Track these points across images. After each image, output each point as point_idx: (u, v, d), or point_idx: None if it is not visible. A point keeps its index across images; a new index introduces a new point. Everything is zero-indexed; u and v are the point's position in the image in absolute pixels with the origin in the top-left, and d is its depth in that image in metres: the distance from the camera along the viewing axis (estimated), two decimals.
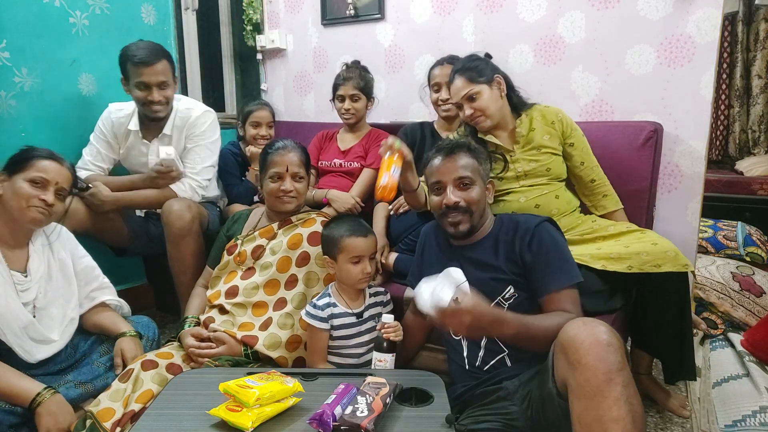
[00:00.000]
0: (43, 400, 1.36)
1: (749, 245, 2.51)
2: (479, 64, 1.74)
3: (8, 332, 1.43)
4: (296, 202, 1.72)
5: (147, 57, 1.97)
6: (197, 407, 1.16)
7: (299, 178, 1.71)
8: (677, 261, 1.53)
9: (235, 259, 1.72)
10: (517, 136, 1.77)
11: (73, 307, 1.61)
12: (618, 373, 0.98)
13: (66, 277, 1.60)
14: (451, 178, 1.41)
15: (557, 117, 1.78)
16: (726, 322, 2.17)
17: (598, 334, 1.02)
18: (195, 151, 2.14)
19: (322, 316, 1.51)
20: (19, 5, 2.03)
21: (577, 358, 1.01)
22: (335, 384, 1.19)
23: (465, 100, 1.72)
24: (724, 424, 1.58)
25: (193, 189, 2.11)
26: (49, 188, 1.49)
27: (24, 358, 1.46)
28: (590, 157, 1.81)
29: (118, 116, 2.15)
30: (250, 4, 2.98)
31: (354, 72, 2.30)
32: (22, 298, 1.47)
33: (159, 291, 2.65)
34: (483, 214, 1.44)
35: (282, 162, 1.69)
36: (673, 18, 2.01)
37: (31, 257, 1.53)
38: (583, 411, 0.99)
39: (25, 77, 2.08)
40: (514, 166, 1.75)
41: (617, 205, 1.82)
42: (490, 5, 2.36)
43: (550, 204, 1.73)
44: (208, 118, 2.18)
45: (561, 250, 1.37)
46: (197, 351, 1.55)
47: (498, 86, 1.74)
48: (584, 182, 1.81)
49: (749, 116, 3.25)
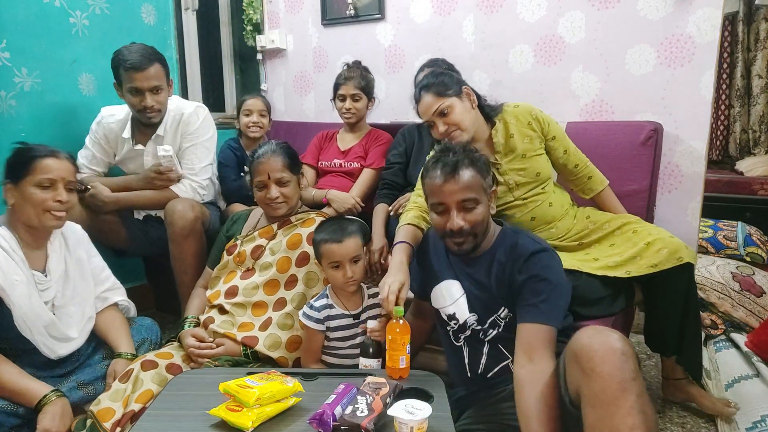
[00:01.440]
0: (49, 401, 1.38)
1: (749, 245, 2.50)
2: (444, 78, 1.66)
3: (34, 331, 1.45)
4: (286, 207, 1.71)
5: (139, 61, 1.91)
6: (197, 407, 1.16)
7: (284, 183, 1.68)
8: (671, 257, 1.53)
9: (235, 260, 1.72)
10: (496, 145, 1.70)
11: (90, 305, 1.62)
12: (632, 382, 0.97)
13: (83, 275, 1.62)
14: (454, 200, 1.31)
15: (532, 116, 1.71)
16: (726, 323, 2.17)
17: (612, 342, 1.01)
18: (192, 151, 2.12)
19: (318, 318, 1.50)
20: (19, 5, 2.03)
21: (591, 366, 1.00)
22: (335, 384, 1.19)
23: (437, 117, 1.63)
24: (745, 427, 1.57)
25: (194, 189, 2.10)
26: (59, 187, 1.47)
27: (47, 355, 1.49)
28: (569, 143, 1.78)
29: (109, 122, 2.12)
30: (250, 4, 2.98)
31: (355, 72, 2.30)
32: (42, 297, 1.48)
33: (159, 291, 2.65)
34: (486, 230, 1.38)
35: (263, 170, 1.66)
36: (673, 18, 2.01)
37: (50, 257, 1.54)
38: (598, 421, 0.98)
39: (25, 77, 2.08)
40: (505, 179, 1.70)
41: (603, 183, 1.80)
42: (490, 5, 2.36)
43: (546, 214, 1.72)
44: (201, 113, 2.15)
45: (550, 286, 1.27)
46: (197, 351, 1.55)
47: (468, 97, 1.67)
48: (569, 169, 1.79)
49: (750, 116, 3.25)
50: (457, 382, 1.44)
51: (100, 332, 1.65)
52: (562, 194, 1.80)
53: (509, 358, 1.33)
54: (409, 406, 1.06)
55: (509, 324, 1.33)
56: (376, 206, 2.09)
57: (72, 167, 1.53)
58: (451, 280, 1.42)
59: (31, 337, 1.45)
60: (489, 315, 1.35)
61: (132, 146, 2.12)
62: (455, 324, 1.41)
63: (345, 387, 1.17)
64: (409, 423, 1.02)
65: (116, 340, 1.63)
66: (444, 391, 1.26)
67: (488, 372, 1.35)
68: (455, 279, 1.42)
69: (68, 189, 1.49)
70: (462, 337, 1.40)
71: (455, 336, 1.42)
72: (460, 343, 1.41)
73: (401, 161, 2.13)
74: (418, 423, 1.02)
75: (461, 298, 1.39)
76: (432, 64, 2.10)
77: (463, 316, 1.38)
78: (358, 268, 1.50)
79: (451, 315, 1.40)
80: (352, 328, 1.54)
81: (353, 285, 1.51)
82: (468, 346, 1.40)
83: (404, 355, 1.31)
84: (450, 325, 1.42)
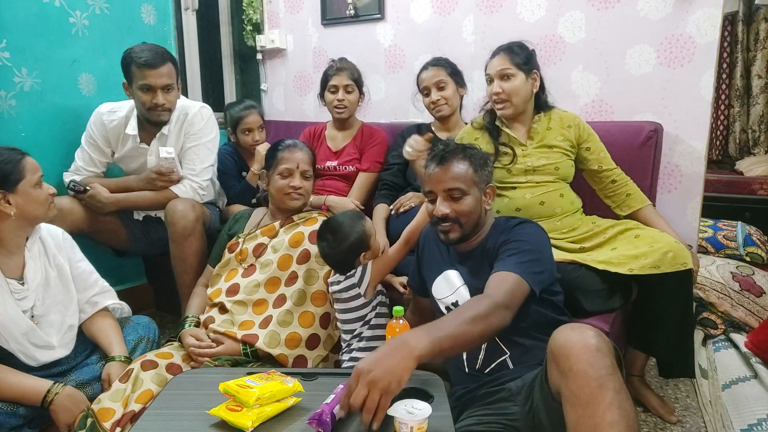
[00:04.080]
0: (55, 396, 1.38)
1: (749, 245, 2.50)
2: (527, 52, 1.77)
3: (9, 339, 1.43)
4: (303, 200, 1.75)
5: (153, 59, 1.93)
6: (197, 407, 1.16)
7: (308, 177, 1.75)
8: (676, 260, 1.54)
9: (237, 257, 1.72)
10: (533, 132, 1.80)
11: (71, 314, 1.59)
12: (609, 378, 0.98)
13: (64, 283, 1.59)
14: (441, 188, 1.38)
15: (574, 122, 1.81)
16: (726, 322, 2.17)
17: (587, 339, 1.02)
18: (194, 151, 2.12)
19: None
20: (19, 5, 2.03)
21: (568, 366, 1.01)
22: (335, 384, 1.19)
23: (498, 77, 1.74)
24: (740, 429, 1.57)
25: (194, 190, 2.10)
26: (42, 183, 1.50)
27: (26, 362, 1.47)
28: (608, 159, 1.82)
29: (111, 119, 2.11)
30: (250, 4, 2.98)
31: (347, 63, 2.25)
32: (20, 306, 1.46)
33: (159, 291, 2.65)
34: (477, 223, 1.41)
35: (293, 159, 1.72)
36: (673, 18, 2.01)
37: (27, 264, 1.51)
38: (579, 419, 0.99)
39: (25, 77, 2.08)
40: (524, 161, 1.76)
41: (643, 202, 1.80)
42: (490, 5, 2.36)
43: (555, 202, 1.74)
44: (205, 114, 2.15)
45: (523, 245, 1.32)
46: (197, 350, 1.55)
47: (533, 81, 1.77)
48: (605, 184, 1.82)
49: (749, 116, 3.25)
50: (456, 380, 1.45)
51: (91, 337, 1.64)
52: (576, 197, 1.83)
53: (507, 353, 1.34)
54: (409, 406, 1.06)
55: None
56: (377, 206, 2.09)
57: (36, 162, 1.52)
58: (451, 270, 1.45)
59: (6, 346, 1.43)
60: None
61: (137, 144, 2.11)
62: None
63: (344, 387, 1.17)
64: (409, 423, 1.02)
65: (108, 344, 1.61)
66: (444, 391, 1.25)
67: (486, 367, 1.36)
68: (455, 269, 1.44)
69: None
70: None
71: None
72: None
73: (401, 162, 2.13)
74: (418, 423, 1.02)
75: (462, 287, 1.41)
76: (435, 63, 2.10)
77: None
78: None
79: (454, 304, 1.42)
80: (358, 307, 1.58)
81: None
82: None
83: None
84: None
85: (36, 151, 2.03)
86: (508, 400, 1.26)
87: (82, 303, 1.63)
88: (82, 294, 1.64)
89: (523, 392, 1.24)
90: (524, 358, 1.31)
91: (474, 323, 1.13)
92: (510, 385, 1.28)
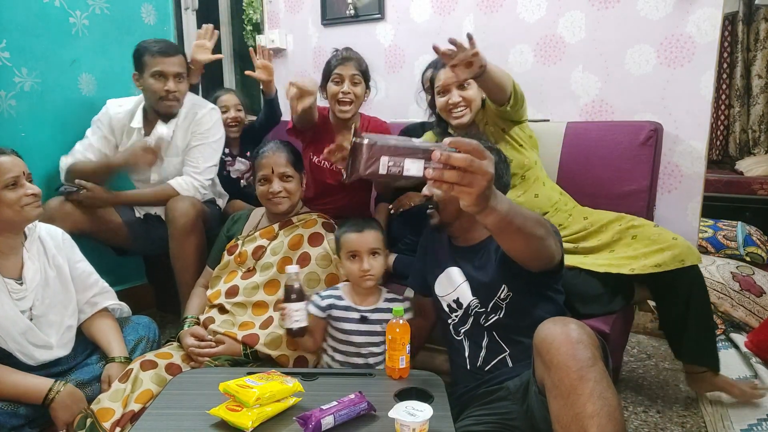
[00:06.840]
0: (57, 395, 1.38)
1: (749, 245, 2.51)
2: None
3: (8, 339, 1.43)
4: (288, 202, 1.70)
5: (167, 48, 2.01)
6: (197, 407, 1.16)
7: (287, 178, 1.69)
8: (675, 259, 1.53)
9: (236, 260, 1.72)
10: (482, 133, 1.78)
11: (70, 315, 1.59)
12: (589, 369, 0.99)
13: (63, 283, 1.58)
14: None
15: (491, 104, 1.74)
16: (726, 322, 2.17)
17: (569, 332, 1.04)
18: (199, 150, 2.12)
19: (319, 304, 1.51)
20: (19, 5, 2.03)
21: (549, 358, 1.04)
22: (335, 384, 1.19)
23: (456, 86, 1.74)
24: (740, 429, 1.57)
25: (196, 188, 2.09)
26: (23, 182, 1.44)
27: (25, 362, 1.47)
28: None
29: (117, 112, 2.12)
30: (250, 4, 2.98)
31: (353, 53, 2.01)
32: (19, 306, 1.46)
33: (159, 290, 2.65)
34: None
35: (267, 164, 1.68)
36: (673, 18, 2.01)
37: (25, 265, 1.50)
38: (561, 410, 1.01)
39: (25, 77, 2.08)
40: None
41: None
42: (490, 5, 2.36)
43: (530, 204, 1.73)
44: (214, 116, 2.17)
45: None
46: (197, 350, 1.55)
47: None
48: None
49: (749, 116, 3.25)
50: (457, 378, 1.45)
51: (91, 337, 1.64)
52: (552, 192, 1.81)
53: (506, 351, 1.35)
54: (410, 408, 1.06)
55: (510, 306, 1.35)
56: (378, 205, 2.09)
57: (21, 159, 1.49)
58: (453, 267, 1.45)
59: (5, 345, 1.43)
60: (490, 297, 1.37)
61: (142, 137, 2.12)
62: (456, 316, 1.43)
63: (356, 398, 1.14)
64: (411, 425, 1.02)
65: (108, 345, 1.61)
66: (444, 391, 1.26)
67: (487, 365, 1.37)
68: (456, 266, 1.45)
69: (29, 180, 1.48)
70: (462, 330, 1.42)
71: (456, 330, 1.44)
72: (461, 337, 1.43)
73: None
74: (419, 425, 1.03)
75: (464, 283, 1.42)
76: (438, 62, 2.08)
77: (467, 299, 1.41)
78: (376, 262, 1.49)
79: (455, 301, 1.43)
80: (357, 323, 1.50)
81: (370, 280, 1.49)
82: (468, 340, 1.41)
83: (404, 355, 1.31)
84: (452, 317, 1.44)
85: (36, 151, 2.07)
86: (507, 399, 1.27)
87: (81, 303, 1.63)
88: (82, 294, 1.63)
89: (520, 391, 1.25)
90: (523, 356, 1.31)
91: (540, 226, 1.10)
92: (508, 384, 1.29)
